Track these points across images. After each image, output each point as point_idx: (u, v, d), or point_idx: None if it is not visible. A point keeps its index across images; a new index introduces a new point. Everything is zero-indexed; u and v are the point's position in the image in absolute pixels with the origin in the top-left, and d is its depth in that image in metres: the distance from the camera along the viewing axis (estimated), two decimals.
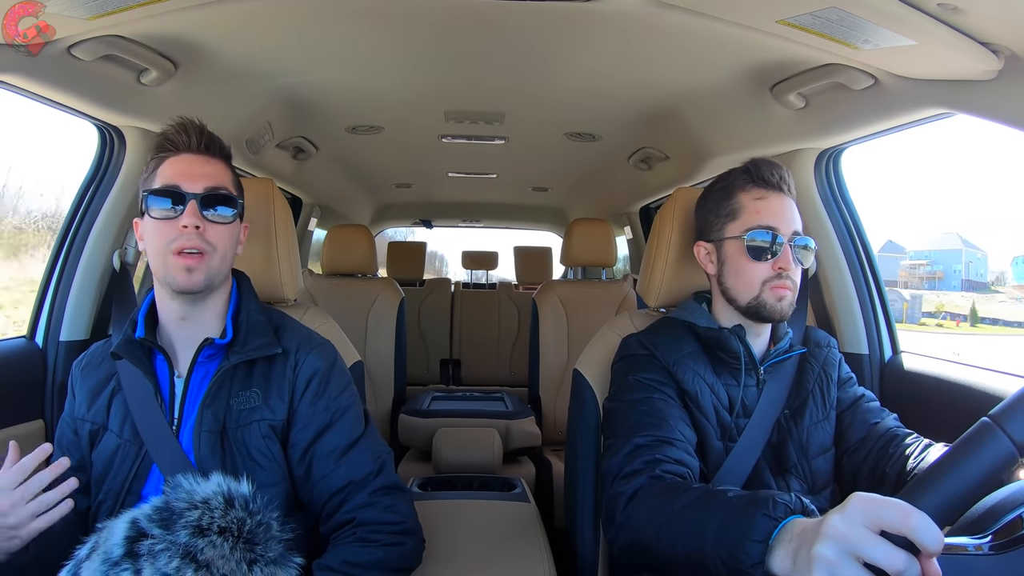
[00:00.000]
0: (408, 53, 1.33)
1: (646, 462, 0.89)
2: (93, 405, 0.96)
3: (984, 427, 0.54)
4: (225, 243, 0.93)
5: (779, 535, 0.62)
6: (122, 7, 0.96)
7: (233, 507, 0.78)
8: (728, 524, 0.68)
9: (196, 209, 0.90)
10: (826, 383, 1.08)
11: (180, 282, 0.89)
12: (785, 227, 1.00)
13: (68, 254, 1.35)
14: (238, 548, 0.76)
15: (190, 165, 0.93)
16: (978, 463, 0.53)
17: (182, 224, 0.89)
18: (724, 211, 1.04)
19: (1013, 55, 0.89)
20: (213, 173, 0.94)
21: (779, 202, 1.02)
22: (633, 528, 0.83)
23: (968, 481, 0.53)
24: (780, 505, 0.65)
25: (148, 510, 0.77)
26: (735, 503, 0.70)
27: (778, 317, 1.01)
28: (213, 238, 0.91)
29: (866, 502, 0.53)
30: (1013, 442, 0.52)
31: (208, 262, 0.90)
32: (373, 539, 0.90)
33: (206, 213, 0.91)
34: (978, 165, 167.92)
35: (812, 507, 0.66)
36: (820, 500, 1.05)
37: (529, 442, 2.06)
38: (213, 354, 0.94)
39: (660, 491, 0.83)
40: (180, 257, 0.89)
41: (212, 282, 0.92)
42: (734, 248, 1.03)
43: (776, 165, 1.03)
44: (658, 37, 1.16)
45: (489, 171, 2.70)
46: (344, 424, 0.96)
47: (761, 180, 1.02)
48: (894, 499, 0.52)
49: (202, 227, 0.90)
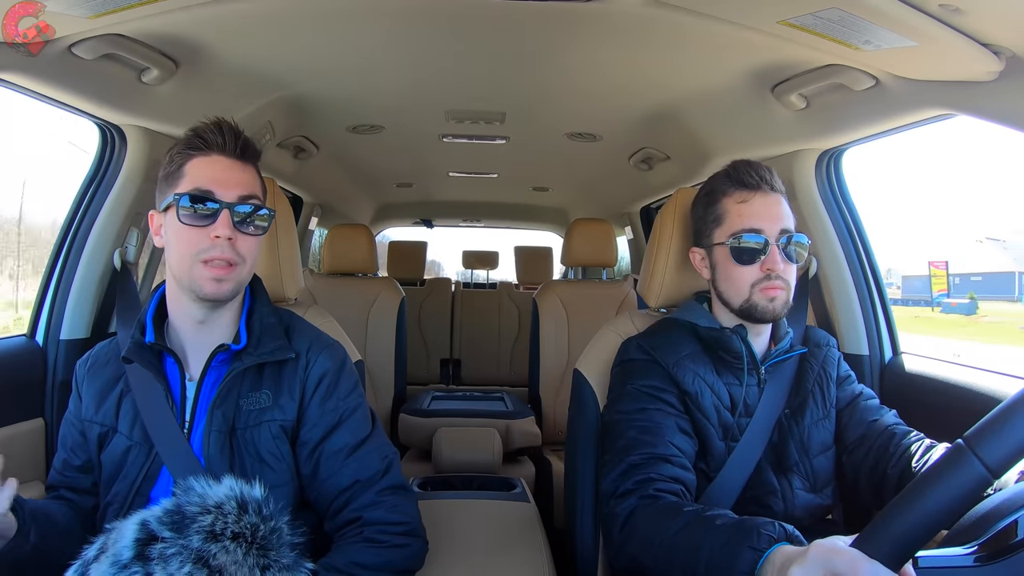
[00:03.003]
0: (409, 53, 1.33)
1: (639, 482, 0.91)
2: (101, 407, 0.95)
3: (957, 451, 0.54)
4: (255, 253, 0.92)
5: (763, 566, 0.67)
6: (123, 6, 0.96)
7: (247, 512, 0.77)
8: (717, 553, 0.72)
9: (229, 220, 0.87)
10: (826, 382, 1.08)
11: (208, 291, 0.88)
12: (771, 227, 1.00)
13: (68, 253, 1.35)
14: (251, 554, 0.75)
15: (224, 170, 0.90)
16: (949, 489, 0.53)
17: (214, 235, 0.86)
18: (711, 217, 1.05)
19: (1014, 56, 0.89)
20: (247, 180, 0.91)
21: (763, 202, 1.01)
22: (630, 552, 0.86)
23: (938, 508, 0.53)
24: (764, 536, 0.69)
25: (159, 512, 0.76)
26: (723, 532, 0.74)
27: (771, 317, 1.01)
28: (244, 249, 0.89)
29: (824, 552, 0.58)
30: (986, 466, 0.52)
31: (238, 273, 0.89)
32: (379, 539, 0.90)
33: (239, 224, 0.89)
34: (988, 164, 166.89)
35: (796, 534, 0.70)
36: (822, 498, 1.05)
37: (529, 442, 2.06)
38: (226, 358, 0.94)
39: (653, 515, 0.85)
40: (209, 267, 0.87)
41: (239, 291, 0.92)
42: (722, 254, 1.03)
43: (756, 165, 1.03)
44: (659, 37, 1.16)
45: (490, 171, 2.70)
46: (352, 424, 0.96)
47: (741, 182, 1.02)
48: (848, 548, 0.56)
49: (234, 238, 0.88)
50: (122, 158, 1.36)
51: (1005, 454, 0.52)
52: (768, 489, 1.01)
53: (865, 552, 0.55)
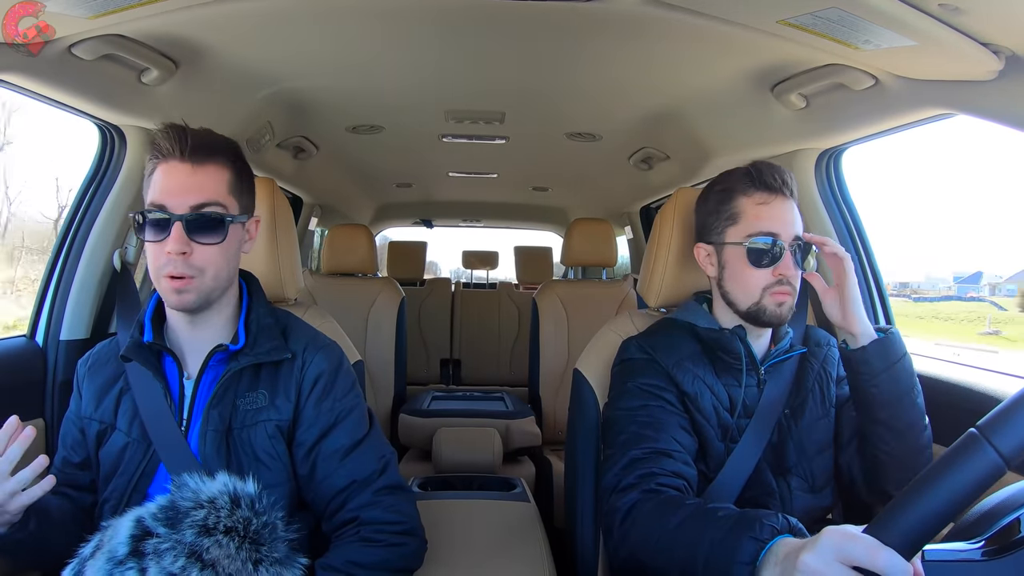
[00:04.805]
0: (409, 53, 1.33)
1: (641, 476, 0.90)
2: (101, 404, 0.96)
3: (970, 439, 0.53)
4: (217, 262, 0.89)
5: (766, 557, 0.65)
6: (123, 6, 0.96)
7: (239, 507, 0.78)
8: (717, 545, 0.71)
9: (181, 233, 0.85)
10: (826, 381, 1.08)
11: (172, 303, 0.89)
12: (786, 232, 0.99)
13: (68, 253, 1.35)
14: (244, 548, 0.76)
15: (176, 178, 0.87)
16: (963, 477, 0.52)
17: (167, 250, 0.85)
18: (724, 214, 1.03)
19: (1013, 56, 0.89)
20: (202, 185, 0.88)
21: (781, 206, 1.00)
22: (630, 546, 0.85)
23: (951, 496, 0.52)
24: (767, 527, 0.68)
25: (154, 509, 0.77)
26: (724, 524, 0.72)
27: (777, 322, 1.01)
28: (200, 261, 0.87)
29: (837, 538, 0.56)
30: (1000, 454, 0.52)
31: (198, 284, 0.88)
32: (376, 539, 0.90)
33: (194, 235, 0.86)
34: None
35: (799, 526, 0.68)
36: (821, 499, 1.05)
37: (529, 442, 2.06)
38: (223, 358, 0.94)
39: (654, 508, 0.84)
40: (169, 280, 0.87)
41: (207, 299, 0.91)
42: (735, 253, 1.02)
43: (778, 168, 1.02)
44: (659, 37, 1.16)
45: (490, 171, 2.70)
46: (349, 424, 0.96)
47: (763, 184, 1.00)
48: (863, 535, 0.54)
49: (189, 251, 0.86)
50: (122, 158, 1.36)
51: (1020, 442, 0.52)
52: (767, 490, 1.01)
53: (879, 539, 0.53)
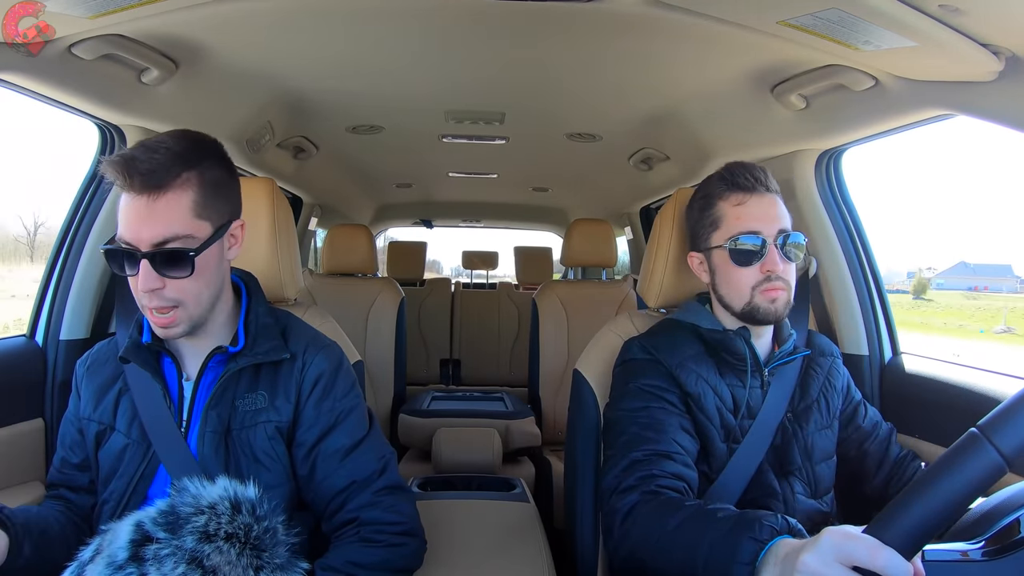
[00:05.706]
0: (409, 53, 1.33)
1: (641, 478, 0.90)
2: (99, 405, 0.95)
3: (971, 439, 0.53)
4: (192, 291, 0.86)
5: (765, 557, 0.65)
6: (123, 6, 0.96)
7: (240, 512, 0.77)
8: (717, 546, 0.70)
9: (149, 270, 0.82)
10: (830, 392, 1.09)
11: (161, 336, 0.88)
12: (769, 228, 1.00)
13: (68, 253, 1.35)
14: (245, 554, 0.75)
15: (134, 211, 0.82)
16: (964, 477, 0.52)
17: (140, 288, 0.83)
18: (707, 221, 1.05)
19: (1013, 56, 0.89)
20: (159, 218, 0.82)
21: (759, 203, 1.01)
22: (629, 546, 0.85)
23: (952, 496, 0.52)
24: (766, 527, 0.68)
25: (154, 513, 0.76)
26: (724, 524, 0.72)
27: (773, 319, 1.01)
28: (175, 293, 0.84)
29: (837, 538, 0.56)
30: (1000, 454, 0.51)
31: (181, 315, 0.86)
32: (376, 539, 0.90)
33: (160, 271, 0.83)
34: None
35: (799, 527, 0.68)
36: (822, 504, 1.05)
37: (529, 442, 2.06)
38: (223, 359, 0.94)
39: (654, 509, 0.84)
40: (151, 314, 0.86)
41: (197, 323, 0.89)
42: (721, 257, 1.03)
43: (750, 166, 1.03)
44: (658, 38, 1.16)
45: (490, 171, 2.70)
46: (348, 425, 0.95)
47: (736, 185, 1.02)
48: (863, 535, 0.54)
49: (161, 285, 0.83)
50: None
51: (1020, 442, 0.52)
52: (769, 492, 1.01)
53: (880, 539, 0.53)
